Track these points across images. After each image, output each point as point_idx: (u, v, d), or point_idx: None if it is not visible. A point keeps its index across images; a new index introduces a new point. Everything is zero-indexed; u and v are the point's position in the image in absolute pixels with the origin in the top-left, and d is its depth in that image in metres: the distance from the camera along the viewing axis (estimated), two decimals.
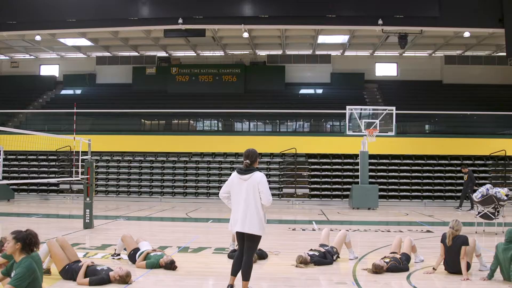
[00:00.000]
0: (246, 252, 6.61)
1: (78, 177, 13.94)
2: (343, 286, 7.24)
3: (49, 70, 33.84)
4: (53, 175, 24.98)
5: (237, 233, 6.71)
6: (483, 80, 30.77)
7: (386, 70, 32.55)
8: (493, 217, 12.81)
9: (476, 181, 21.57)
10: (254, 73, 31.84)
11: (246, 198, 6.58)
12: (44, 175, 25.04)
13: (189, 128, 27.61)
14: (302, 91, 32.30)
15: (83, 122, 25.52)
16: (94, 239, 11.56)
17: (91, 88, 32.43)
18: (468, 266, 7.91)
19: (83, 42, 29.99)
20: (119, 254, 9.04)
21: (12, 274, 5.18)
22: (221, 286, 7.27)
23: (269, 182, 24.45)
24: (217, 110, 26.69)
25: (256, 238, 6.63)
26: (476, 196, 12.94)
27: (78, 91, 32.52)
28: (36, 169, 25.54)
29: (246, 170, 6.71)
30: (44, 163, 25.63)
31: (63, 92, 32.58)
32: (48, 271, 7.48)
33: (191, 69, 31.86)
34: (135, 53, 32.57)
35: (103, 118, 27.60)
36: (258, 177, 6.62)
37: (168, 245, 10.58)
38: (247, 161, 6.74)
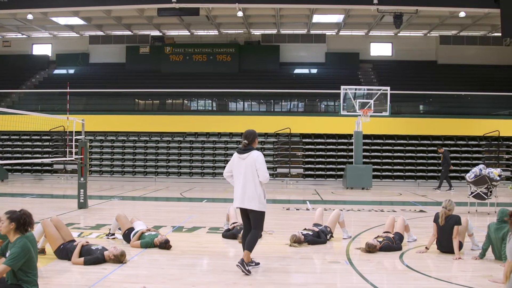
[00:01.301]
0: (253, 228, 6.94)
1: (72, 157, 13.91)
2: (336, 265, 7.30)
3: (42, 50, 33.52)
4: (47, 155, 24.91)
5: (241, 210, 7.06)
6: (478, 60, 30.73)
7: (381, 50, 32.43)
8: (486, 197, 12.91)
9: (469, 162, 21.67)
10: (249, 52, 31.65)
11: (244, 176, 6.93)
12: (38, 155, 24.98)
13: (183, 108, 27.51)
14: (297, 71, 32.19)
15: (76, 102, 25.36)
16: (88, 219, 11.57)
17: (84, 67, 32.18)
18: (460, 246, 7.99)
19: (76, 21, 29.68)
20: (113, 234, 9.07)
21: (7, 254, 5.18)
22: (215, 265, 7.32)
23: None
24: (211, 90, 26.58)
25: (258, 214, 6.90)
26: (469, 176, 13.01)
27: (71, 71, 32.27)
28: (30, 149, 25.45)
29: (244, 150, 7.03)
30: (38, 143, 25.53)
31: (56, 71, 32.31)
32: (42, 251, 7.50)
33: (185, 49, 31.63)
34: (129, 32, 32.28)
35: (96, 98, 27.45)
36: (255, 156, 6.96)
37: (162, 224, 10.62)
38: (245, 141, 7.08)
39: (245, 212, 7.03)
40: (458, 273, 7.10)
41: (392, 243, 8.34)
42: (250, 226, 7.10)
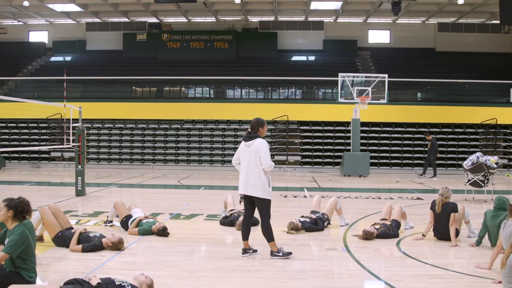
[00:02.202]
0: (261, 216, 7.01)
1: (69, 144, 13.88)
2: (333, 252, 7.33)
3: (38, 37, 33.33)
4: (44, 143, 24.86)
5: (244, 196, 7.10)
6: (476, 48, 30.69)
7: (379, 37, 32.35)
8: (483, 184, 12.95)
9: (467, 149, 21.70)
10: (246, 39, 31.55)
11: (248, 163, 6.97)
12: (35, 143, 24.93)
13: (180, 95, 27.43)
14: (295, 58, 32.11)
15: (73, 89, 25.28)
16: (86, 206, 11.59)
17: (81, 54, 32.05)
18: (457, 233, 8.03)
19: (72, 7, 29.49)
20: (111, 221, 9.08)
21: (5, 242, 5.19)
22: (213, 252, 7.35)
23: None
24: (208, 77, 26.50)
25: (263, 202, 6.93)
26: (467, 164, 13.05)
27: (68, 58, 32.14)
28: (27, 137, 25.40)
29: (249, 137, 7.04)
30: (35, 130, 25.48)
31: (53, 59, 32.17)
32: (41, 238, 7.51)
33: (182, 36, 31.50)
34: (126, 19, 32.12)
35: (93, 85, 27.35)
36: (259, 143, 6.96)
37: (160, 212, 10.64)
38: (249, 129, 7.10)
39: (248, 199, 7.06)
40: (455, 260, 7.15)
41: (389, 230, 8.38)
42: (251, 213, 7.15)
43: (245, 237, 7.11)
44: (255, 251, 7.15)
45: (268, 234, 6.95)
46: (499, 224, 7.14)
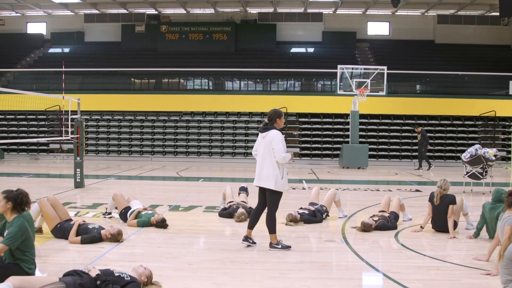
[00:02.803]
0: (268, 207, 6.99)
1: (68, 136, 13.86)
2: (332, 244, 7.35)
3: (36, 28, 33.21)
4: (43, 135, 24.85)
5: (258, 188, 7.06)
6: (476, 40, 30.64)
7: (378, 29, 32.28)
8: (481, 177, 12.97)
9: (465, 142, 21.70)
10: (245, 31, 31.47)
11: (262, 155, 6.96)
12: (33, 134, 24.92)
13: (179, 87, 27.40)
14: (294, 49, 32.03)
15: (72, 81, 25.25)
16: (85, 198, 11.60)
17: (79, 46, 31.93)
18: (455, 225, 8.05)
19: None
20: (110, 213, 9.09)
21: (5, 234, 5.19)
22: (211, 243, 7.36)
23: None
24: (207, 69, 26.45)
25: (274, 194, 6.91)
26: (465, 156, 13.06)
27: (66, 50, 32.03)
28: (26, 128, 25.39)
29: (264, 129, 7.04)
30: (34, 122, 25.47)
31: (51, 50, 32.06)
32: (40, 230, 7.51)
33: (181, 27, 31.41)
34: (124, 11, 32.00)
35: (92, 77, 27.30)
36: (272, 135, 6.91)
37: (159, 203, 10.65)
38: (266, 120, 7.09)
39: (262, 190, 7.05)
40: (453, 252, 7.17)
41: (388, 222, 8.40)
42: (264, 204, 7.12)
43: (251, 226, 7.10)
44: (254, 243, 7.15)
45: (271, 226, 6.95)
46: (497, 216, 7.15)
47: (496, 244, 6.24)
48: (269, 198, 6.94)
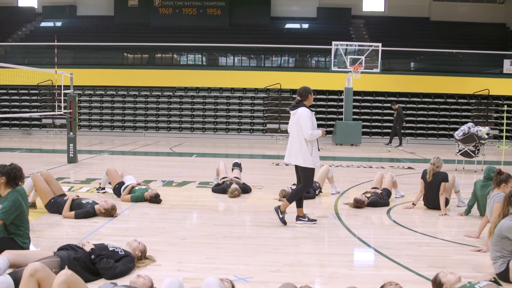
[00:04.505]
0: (302, 182, 7.07)
1: (60, 111, 13.78)
2: (325, 220, 7.41)
3: (28, 1, 32.65)
4: (35, 110, 24.68)
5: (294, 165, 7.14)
6: (471, 17, 30.49)
7: (373, 5, 32.00)
8: (473, 155, 13.06)
9: (458, 120, 21.75)
10: (239, 6, 31.10)
11: (292, 132, 7.07)
12: (26, 109, 24.75)
13: (172, 62, 27.21)
14: (288, 25, 31.77)
15: (64, 55, 24.96)
16: (78, 173, 11.60)
17: (71, 20, 31.49)
18: (447, 202, 8.13)
19: None
20: (104, 188, 9.11)
21: None
22: (205, 219, 7.40)
23: (253, 117, 24.73)
24: (201, 44, 26.23)
25: (305, 170, 6.95)
26: (458, 134, 13.12)
27: (58, 24, 31.59)
28: (18, 103, 25.20)
29: (294, 106, 7.06)
30: (26, 97, 25.27)
31: (43, 24, 31.61)
32: (33, 205, 7.52)
33: (174, 2, 30.99)
34: None
35: (84, 52, 26.99)
36: (300, 112, 6.95)
37: (152, 179, 10.67)
38: (298, 97, 7.05)
39: (296, 167, 7.12)
40: (444, 229, 7.25)
41: (380, 199, 8.47)
42: (298, 181, 7.19)
43: (299, 204, 7.15)
44: (312, 220, 7.14)
45: (293, 196, 7.05)
46: (488, 194, 7.24)
47: (487, 221, 6.32)
48: (302, 175, 7.02)
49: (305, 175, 6.99)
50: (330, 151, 18.95)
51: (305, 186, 7.10)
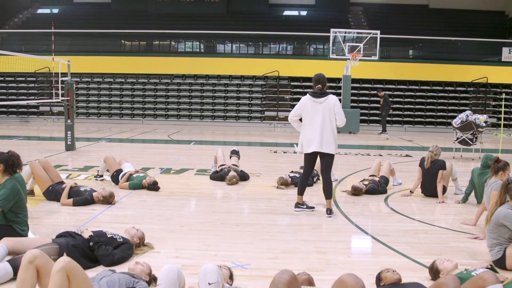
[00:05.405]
0: (325, 172, 6.99)
1: (58, 99, 13.75)
2: (322, 207, 7.42)
3: None
4: (33, 97, 24.61)
5: (309, 154, 6.98)
6: (470, 5, 30.30)
7: None
8: (471, 143, 13.08)
9: (456, 108, 21.74)
10: None
11: (322, 120, 6.86)
12: (23, 97, 24.66)
13: (170, 50, 27.10)
14: (286, 12, 31.61)
15: (61, 42, 24.76)
16: (76, 160, 11.59)
17: (68, 7, 31.25)
18: (444, 190, 8.15)
19: None
20: (102, 175, 9.11)
21: None
22: (203, 206, 7.42)
23: (251, 105, 24.71)
24: (199, 31, 26.11)
25: (331, 157, 6.96)
26: (456, 122, 13.13)
27: (55, 10, 31.36)
28: (15, 91, 25.12)
29: (322, 94, 6.92)
30: (23, 85, 25.17)
31: (40, 11, 31.38)
32: (31, 192, 7.52)
33: None
34: None
35: (82, 39, 26.84)
36: (334, 100, 6.94)
37: (150, 166, 10.67)
38: (319, 85, 6.97)
39: (313, 156, 6.99)
40: (441, 216, 7.28)
41: (378, 186, 8.49)
42: (311, 170, 7.16)
43: (301, 192, 7.13)
44: (310, 207, 7.17)
45: (330, 191, 7.00)
46: (485, 181, 7.26)
47: (484, 209, 6.35)
48: (327, 162, 6.95)
49: (330, 162, 6.97)
50: None
51: (330, 173, 7.08)
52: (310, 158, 7.05)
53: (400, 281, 4.10)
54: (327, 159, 6.94)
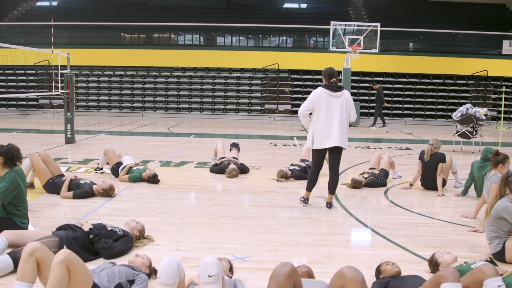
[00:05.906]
0: (335, 167, 6.94)
1: (58, 91, 13.73)
2: (322, 200, 7.43)
3: None
4: (32, 90, 24.58)
5: (320, 150, 6.84)
6: None
7: None
8: (471, 136, 13.08)
9: (457, 101, 21.70)
10: None
11: (340, 115, 6.69)
12: (23, 90, 24.62)
13: (170, 42, 27.03)
14: (286, 5, 31.50)
15: (60, 35, 24.71)
16: (76, 153, 11.59)
17: None
18: (444, 183, 8.16)
19: None
20: (101, 168, 9.11)
21: None
22: (203, 199, 7.43)
23: (251, 98, 24.71)
24: (198, 24, 26.03)
25: (341, 152, 6.92)
26: (456, 115, 13.13)
27: (55, 3, 31.25)
28: (15, 84, 25.08)
29: (339, 88, 6.78)
30: (23, 77, 25.13)
31: (39, 3, 31.26)
32: (31, 185, 7.53)
33: None
34: None
35: (81, 31, 26.77)
36: (349, 95, 6.86)
37: (150, 159, 10.68)
38: (334, 79, 6.84)
39: (325, 152, 6.90)
40: (440, 209, 7.29)
41: (377, 179, 8.49)
42: (321, 166, 7.05)
43: (310, 188, 7.07)
44: (305, 204, 7.11)
45: (336, 187, 7.01)
46: (485, 174, 7.26)
47: (483, 202, 6.36)
48: (338, 158, 6.90)
49: (340, 157, 6.94)
50: None
51: (339, 167, 7.03)
52: (322, 153, 6.92)
53: (399, 274, 4.11)
54: (338, 154, 6.88)
